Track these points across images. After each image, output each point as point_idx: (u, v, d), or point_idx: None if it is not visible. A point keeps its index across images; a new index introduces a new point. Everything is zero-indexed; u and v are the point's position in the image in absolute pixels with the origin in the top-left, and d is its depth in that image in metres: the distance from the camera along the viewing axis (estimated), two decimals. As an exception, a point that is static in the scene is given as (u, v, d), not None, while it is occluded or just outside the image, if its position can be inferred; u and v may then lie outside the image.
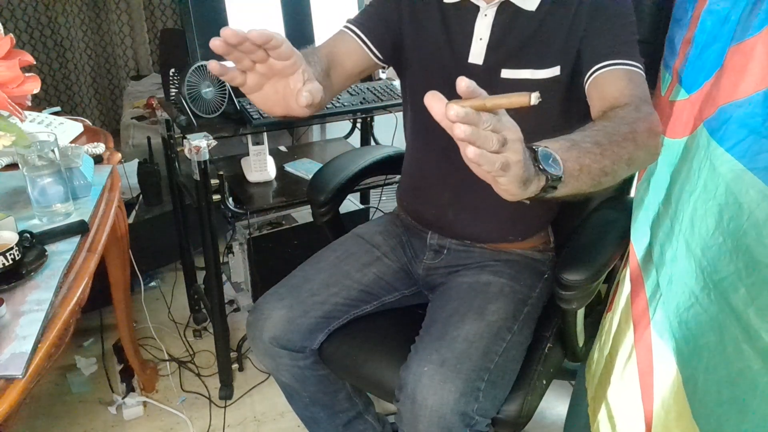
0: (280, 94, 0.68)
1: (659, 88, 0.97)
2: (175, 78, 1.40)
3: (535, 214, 1.08)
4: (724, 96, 0.68)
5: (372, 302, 1.09)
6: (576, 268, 0.88)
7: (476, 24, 0.95)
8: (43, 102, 2.84)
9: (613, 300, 1.05)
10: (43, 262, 0.85)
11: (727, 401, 0.61)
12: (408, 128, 1.12)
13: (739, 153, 0.63)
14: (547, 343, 1.02)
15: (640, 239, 0.92)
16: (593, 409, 1.04)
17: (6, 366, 0.67)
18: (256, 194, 1.50)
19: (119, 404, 1.52)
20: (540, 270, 1.08)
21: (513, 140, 0.53)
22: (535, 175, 0.59)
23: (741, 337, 0.59)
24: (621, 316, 0.96)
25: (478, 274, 1.04)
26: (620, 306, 0.98)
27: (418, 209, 1.13)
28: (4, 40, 0.82)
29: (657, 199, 0.87)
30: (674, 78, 0.87)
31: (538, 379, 0.98)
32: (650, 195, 0.90)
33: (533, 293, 1.03)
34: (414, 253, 1.14)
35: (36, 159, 0.93)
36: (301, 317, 1.03)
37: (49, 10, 2.78)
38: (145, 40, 3.04)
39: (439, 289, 1.07)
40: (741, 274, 0.60)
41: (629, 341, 0.90)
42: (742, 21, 0.69)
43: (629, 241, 1.01)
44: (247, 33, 0.58)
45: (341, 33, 1.00)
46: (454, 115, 0.48)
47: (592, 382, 1.08)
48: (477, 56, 0.96)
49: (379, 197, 1.84)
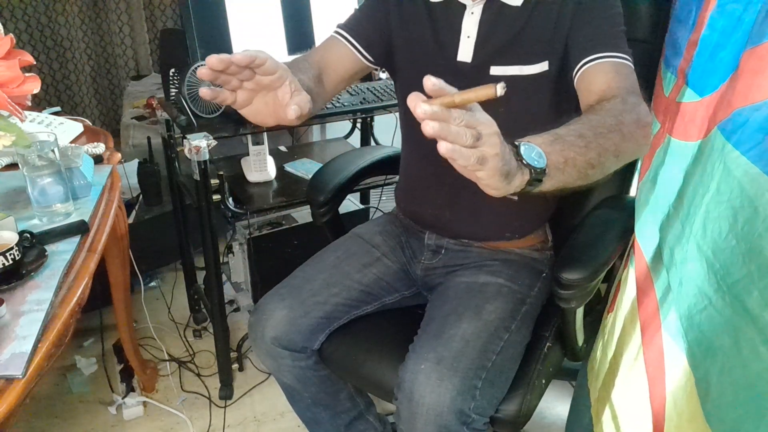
0: (270, 106, 0.72)
1: (660, 87, 0.97)
2: (175, 78, 1.40)
3: (532, 212, 1.08)
4: (739, 99, 0.68)
5: (372, 303, 1.10)
6: (575, 267, 0.88)
7: (463, 22, 0.95)
8: (43, 102, 2.84)
9: (615, 300, 1.04)
10: (43, 262, 0.85)
11: (744, 403, 0.61)
12: (402, 128, 1.13)
13: (756, 156, 0.63)
14: (546, 343, 1.02)
15: (648, 240, 0.91)
16: (597, 410, 1.04)
17: (6, 366, 0.67)
18: (256, 194, 1.50)
19: (119, 404, 1.52)
20: (538, 269, 1.08)
21: (488, 134, 0.54)
22: (518, 169, 0.60)
23: (758, 340, 0.59)
24: (626, 316, 0.96)
25: (475, 274, 1.04)
26: (624, 306, 0.98)
27: (415, 210, 1.13)
28: (4, 40, 0.82)
29: (667, 200, 0.86)
30: (680, 79, 0.87)
31: (538, 379, 0.98)
32: (659, 196, 0.90)
33: (531, 292, 1.03)
34: (413, 254, 1.14)
35: (36, 159, 0.93)
36: (302, 317, 1.03)
37: (49, 10, 2.77)
38: (145, 40, 3.03)
39: (438, 289, 1.07)
40: (754, 277, 0.60)
41: (636, 342, 0.90)
42: (757, 24, 0.69)
43: (629, 241, 1.00)
44: (231, 57, 0.63)
45: (332, 39, 1.03)
46: (421, 113, 0.50)
47: (595, 383, 1.08)
48: (465, 54, 0.96)
49: (379, 197, 1.84)
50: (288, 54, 1.55)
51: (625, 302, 0.98)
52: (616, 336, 1.00)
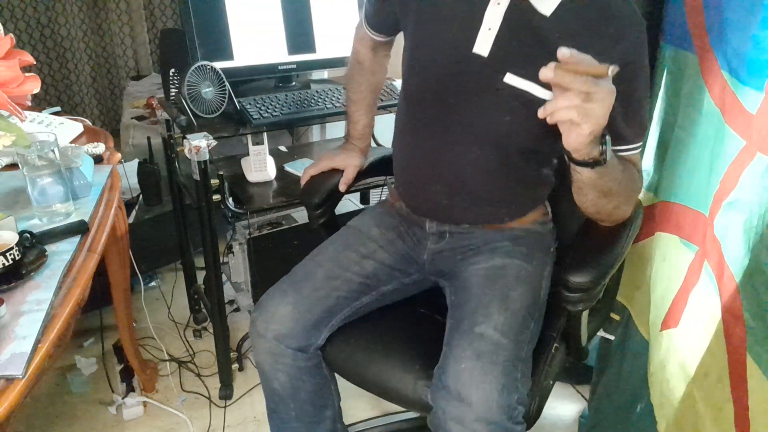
0: None
1: (735, 100, 0.89)
2: (175, 78, 1.40)
3: (528, 195, 1.07)
4: None
5: (371, 293, 1.09)
6: (583, 271, 0.87)
7: (487, 11, 0.90)
8: (43, 102, 2.84)
9: (675, 314, 1.03)
10: (43, 262, 0.85)
11: None
12: (399, 117, 1.11)
13: None
14: (553, 343, 1.02)
15: (737, 260, 0.87)
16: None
17: (6, 366, 0.67)
18: (256, 194, 1.50)
19: (119, 404, 1.52)
20: (546, 244, 1.08)
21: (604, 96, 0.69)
22: (601, 142, 0.76)
23: None
24: (712, 341, 0.92)
25: (490, 258, 1.03)
26: (698, 325, 0.96)
27: (412, 200, 1.12)
28: (4, 40, 0.82)
29: (763, 221, 0.82)
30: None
31: (546, 379, 0.98)
32: (753, 215, 0.84)
33: (544, 272, 1.04)
34: (417, 240, 1.13)
35: (36, 159, 0.93)
36: (306, 313, 1.02)
37: (49, 10, 2.78)
38: (145, 40, 3.04)
39: (454, 279, 1.06)
40: None
41: (720, 365, 0.89)
42: None
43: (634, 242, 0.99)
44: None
45: (363, 32, 1.16)
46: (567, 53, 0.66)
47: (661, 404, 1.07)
48: (483, 47, 0.91)
49: (379, 197, 1.84)
50: (288, 54, 1.55)
51: (701, 322, 0.95)
52: (692, 356, 0.98)
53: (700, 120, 0.98)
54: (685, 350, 1.02)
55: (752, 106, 0.84)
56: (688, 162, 1.03)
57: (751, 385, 0.83)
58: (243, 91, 1.49)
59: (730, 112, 0.90)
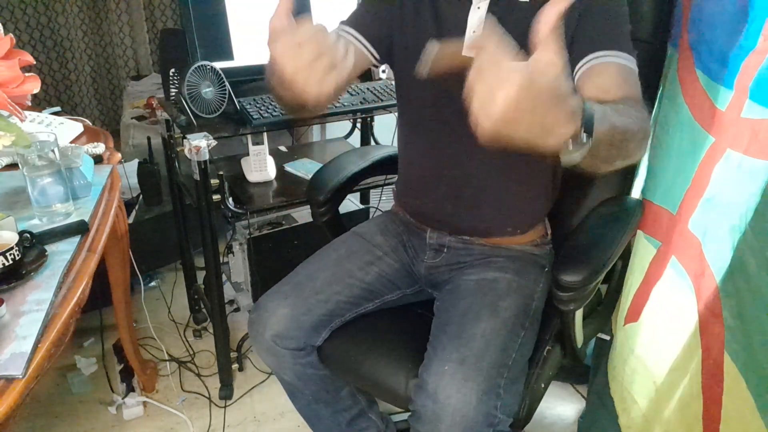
0: (314, 67, 0.67)
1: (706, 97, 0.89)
2: (175, 78, 1.40)
3: (532, 205, 1.08)
4: None
5: (374, 300, 1.10)
6: (574, 270, 0.87)
7: (469, 17, 0.94)
8: (43, 102, 2.84)
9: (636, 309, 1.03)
10: (43, 262, 0.85)
11: None
12: (401, 124, 1.12)
13: None
14: (546, 347, 1.02)
15: (717, 258, 0.87)
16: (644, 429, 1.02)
17: (6, 366, 0.67)
18: (256, 194, 1.50)
19: (119, 404, 1.52)
20: (540, 264, 1.08)
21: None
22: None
23: None
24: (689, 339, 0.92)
25: (483, 270, 1.04)
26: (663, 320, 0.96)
27: (416, 205, 1.13)
28: (4, 40, 0.82)
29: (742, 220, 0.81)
30: (740, 93, 0.82)
31: (537, 383, 0.98)
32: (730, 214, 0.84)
33: (537, 288, 1.04)
34: (414, 253, 1.14)
35: (36, 159, 0.93)
36: (304, 315, 1.03)
37: (49, 10, 2.77)
38: (145, 40, 3.03)
39: (446, 287, 1.07)
40: None
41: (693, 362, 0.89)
42: None
43: (630, 242, 0.99)
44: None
45: (337, 35, 1.01)
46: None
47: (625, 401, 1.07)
48: (471, 49, 0.94)
49: (379, 197, 1.84)
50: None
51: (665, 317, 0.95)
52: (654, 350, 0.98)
53: (673, 117, 0.99)
54: (646, 345, 1.02)
55: (722, 103, 0.85)
56: (657, 159, 1.04)
57: (727, 383, 0.83)
58: (243, 91, 1.49)
59: (700, 109, 0.91)
